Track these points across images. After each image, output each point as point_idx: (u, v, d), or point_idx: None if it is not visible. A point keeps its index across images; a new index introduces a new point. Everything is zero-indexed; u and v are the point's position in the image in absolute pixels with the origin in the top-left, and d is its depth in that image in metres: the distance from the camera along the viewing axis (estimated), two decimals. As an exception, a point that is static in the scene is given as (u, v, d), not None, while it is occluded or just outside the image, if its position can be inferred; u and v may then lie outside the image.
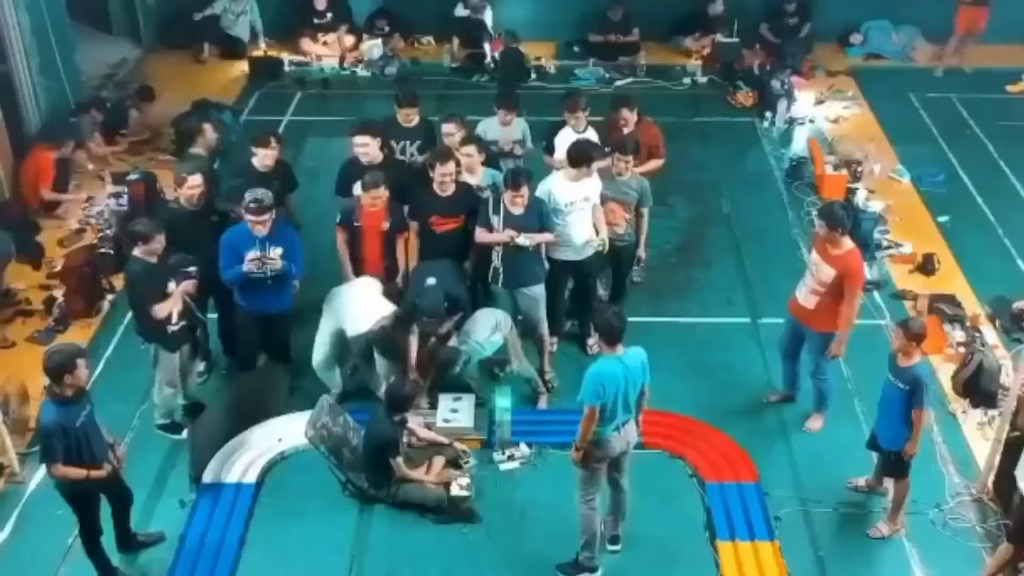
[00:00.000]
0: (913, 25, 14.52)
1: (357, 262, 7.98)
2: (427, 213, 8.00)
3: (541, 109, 12.79)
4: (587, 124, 9.04)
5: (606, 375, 6.27)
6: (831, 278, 7.29)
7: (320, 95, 13.61)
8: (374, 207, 7.75)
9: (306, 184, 11.22)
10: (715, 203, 11.14)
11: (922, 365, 6.64)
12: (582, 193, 8.10)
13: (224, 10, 14.46)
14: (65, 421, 6.02)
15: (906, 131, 12.57)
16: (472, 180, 8.25)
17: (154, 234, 7.27)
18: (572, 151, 8.10)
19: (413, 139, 9.00)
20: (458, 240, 8.09)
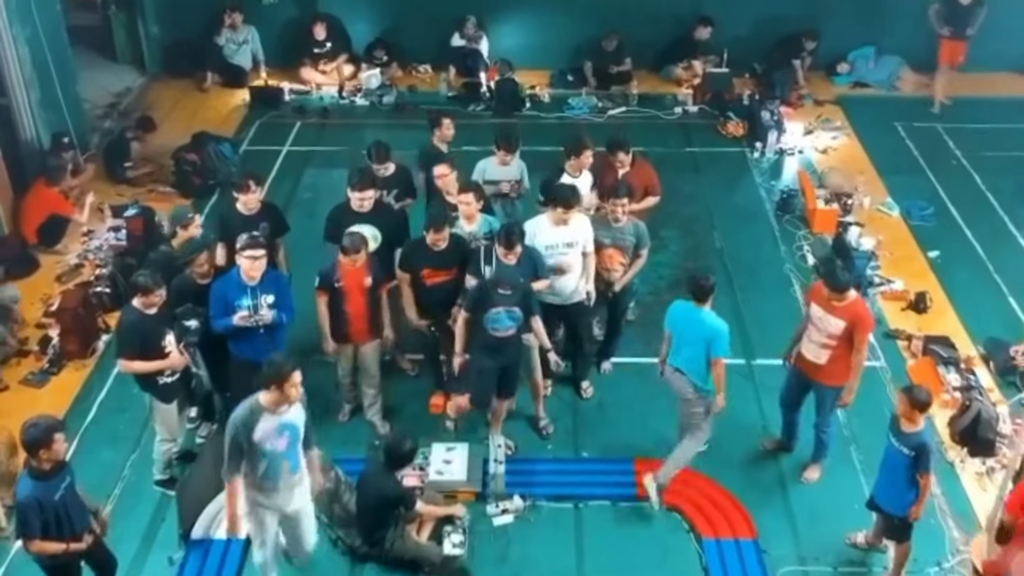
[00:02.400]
0: (899, 55, 13.90)
1: (342, 322, 7.31)
2: (419, 266, 7.38)
3: (535, 139, 12.29)
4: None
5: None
6: (840, 330, 6.70)
7: (319, 124, 13.00)
8: (355, 266, 7.12)
9: (302, 217, 10.73)
10: (707, 237, 10.55)
11: (927, 431, 6.06)
12: (564, 238, 7.51)
13: (227, 39, 13.84)
14: (42, 496, 5.44)
15: (894, 161, 11.98)
16: (469, 227, 7.64)
17: (155, 288, 6.69)
18: (546, 189, 7.54)
19: (390, 187, 8.38)
20: (449, 292, 7.48)
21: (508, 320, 6.94)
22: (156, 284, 6.70)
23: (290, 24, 14.12)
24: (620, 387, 8.39)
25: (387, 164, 8.32)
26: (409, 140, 12.50)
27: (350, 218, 7.59)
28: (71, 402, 8.23)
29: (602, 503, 7.24)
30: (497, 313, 6.88)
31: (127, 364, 6.81)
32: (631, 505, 7.19)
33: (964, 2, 12.38)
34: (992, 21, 12.75)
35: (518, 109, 13.20)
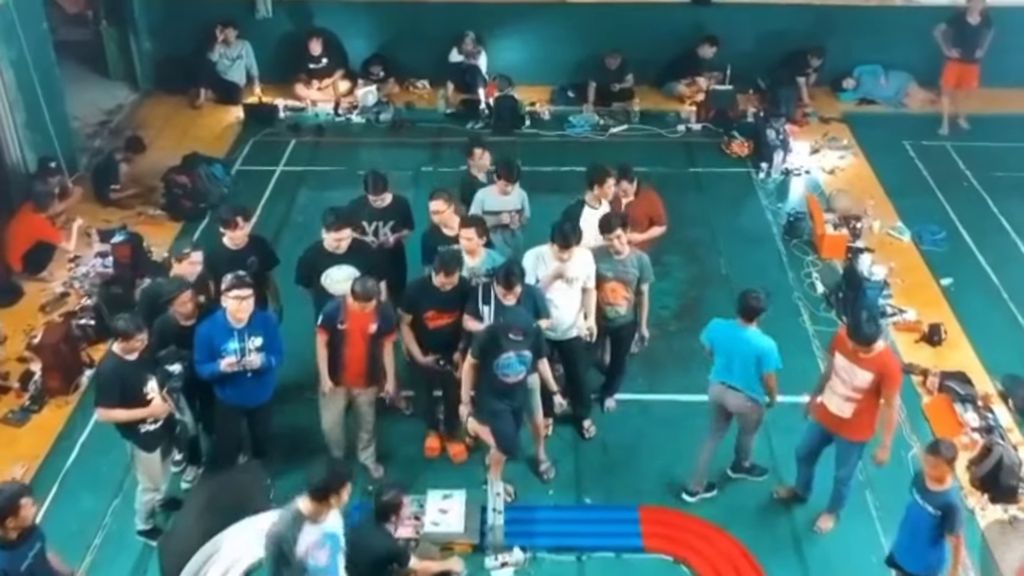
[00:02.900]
0: (906, 71, 13.48)
1: (337, 366, 6.88)
2: (425, 308, 6.96)
3: (536, 158, 11.93)
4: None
5: None
6: (868, 383, 6.27)
7: (314, 143, 12.57)
8: (363, 311, 6.67)
9: (295, 241, 10.29)
10: (713, 262, 10.13)
11: (955, 489, 5.65)
12: (564, 272, 7.13)
13: (220, 55, 13.42)
14: (9, 567, 5.04)
15: (903, 182, 11.56)
16: (471, 263, 7.22)
17: (136, 333, 6.26)
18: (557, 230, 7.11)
19: (386, 219, 7.97)
20: (451, 334, 7.08)
21: (519, 365, 6.55)
22: (137, 328, 6.28)
23: (285, 39, 13.71)
24: (624, 426, 7.98)
25: (384, 195, 7.90)
26: (406, 159, 12.18)
27: (325, 260, 7.17)
28: (52, 442, 7.81)
29: (606, 555, 6.83)
30: (508, 358, 6.48)
31: (106, 413, 6.40)
32: (636, 557, 6.78)
33: (972, 22, 11.93)
34: (1001, 36, 12.33)
35: (518, 127, 12.79)
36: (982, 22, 12.03)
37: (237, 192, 11.23)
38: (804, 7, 13.34)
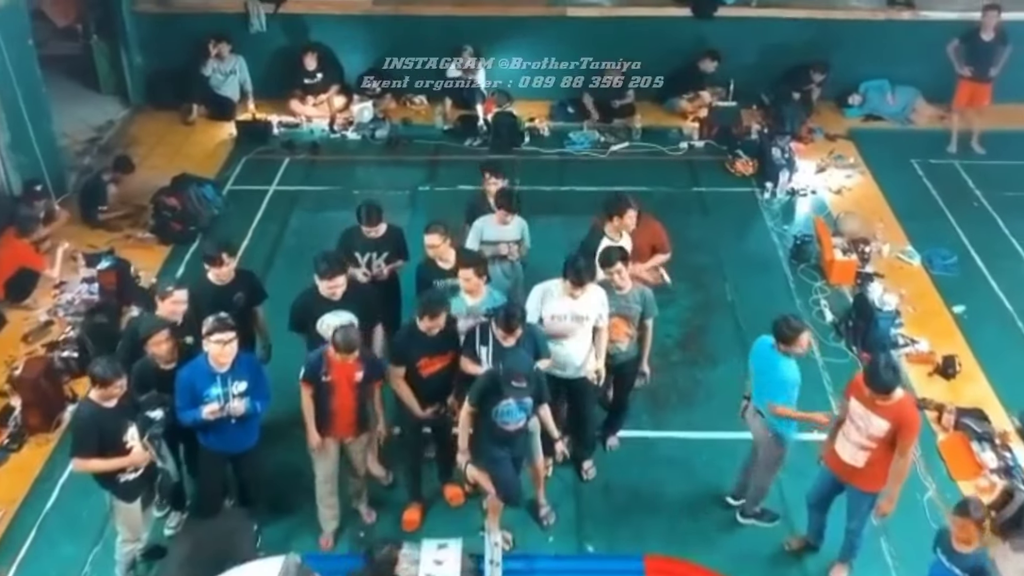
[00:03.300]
0: (913, 86, 13.09)
1: (326, 417, 6.45)
2: (416, 356, 6.50)
3: (535, 177, 11.57)
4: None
5: None
6: (884, 432, 5.89)
7: (309, 161, 12.16)
8: (346, 361, 6.27)
9: (286, 267, 10.01)
10: (718, 288, 9.75)
11: (984, 552, 5.28)
12: (575, 310, 6.71)
13: (213, 70, 13.03)
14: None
15: (911, 203, 11.18)
16: (472, 302, 6.82)
17: (114, 379, 5.88)
18: (570, 266, 6.68)
19: (380, 250, 7.60)
20: (447, 378, 6.67)
21: (519, 412, 6.18)
22: (115, 374, 5.90)
23: (280, 54, 13.31)
24: (627, 466, 7.59)
25: (378, 226, 7.51)
26: (403, 178, 11.81)
27: (321, 306, 6.73)
28: (31, 483, 7.43)
29: (609, 610, 6.46)
30: (508, 406, 6.10)
31: (83, 463, 6.02)
32: (638, 612, 6.41)
33: (986, 38, 11.50)
34: (1013, 50, 11.91)
35: (516, 144, 12.41)
36: (996, 39, 11.57)
37: (228, 214, 10.87)
38: (808, 21, 12.97)
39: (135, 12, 13.11)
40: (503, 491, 6.42)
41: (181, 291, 6.59)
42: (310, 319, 6.71)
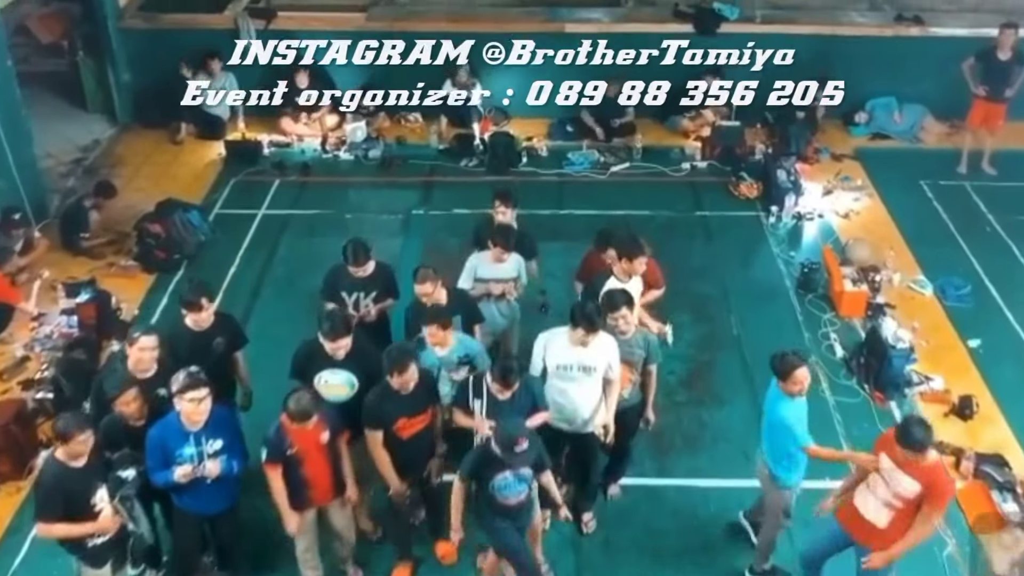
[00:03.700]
0: (921, 104, 12.62)
1: (300, 491, 5.91)
2: (392, 418, 5.96)
3: (533, 199, 11.06)
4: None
5: None
6: (913, 493, 5.45)
7: (299, 183, 11.68)
8: (306, 428, 5.76)
9: (274, 296, 9.57)
10: (723, 321, 9.29)
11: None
12: (582, 360, 6.24)
13: (202, 88, 12.56)
14: None
15: (922, 228, 10.71)
16: (441, 353, 6.37)
17: (77, 434, 5.42)
18: (580, 311, 6.20)
19: (368, 289, 7.14)
20: (429, 440, 6.20)
21: (519, 484, 5.70)
22: (78, 427, 5.45)
23: (270, 69, 12.81)
24: (629, 518, 7.13)
25: (366, 265, 7.04)
26: (396, 201, 11.34)
27: (322, 363, 6.21)
28: (0, 536, 6.97)
29: None
30: (505, 479, 5.63)
31: (47, 529, 5.57)
32: None
33: (1003, 57, 11.02)
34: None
35: (514, 165, 11.95)
36: (1013, 58, 11.10)
37: (215, 240, 10.42)
38: (813, 37, 12.48)
39: (122, 28, 12.65)
40: (519, 563, 5.94)
41: (149, 337, 6.11)
42: (308, 372, 6.21)
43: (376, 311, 7.18)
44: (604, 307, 6.41)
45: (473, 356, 6.39)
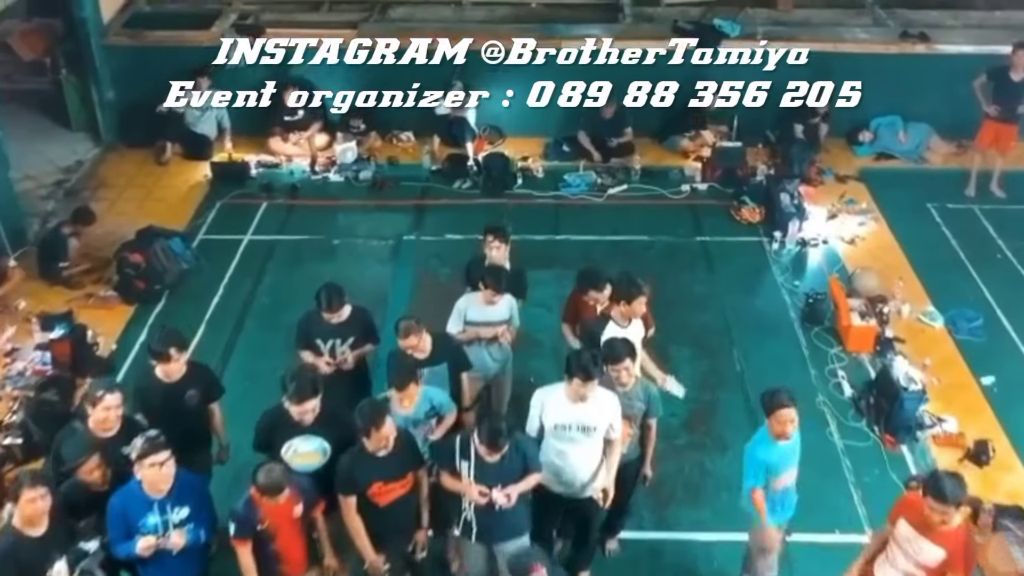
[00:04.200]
0: (926, 123, 12.13)
1: (271, 567, 5.41)
2: (367, 482, 5.46)
3: (527, 223, 10.65)
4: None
5: None
6: (937, 561, 5.03)
7: (287, 207, 11.18)
8: (279, 502, 5.27)
9: (258, 328, 9.11)
10: (725, 355, 8.81)
11: None
12: (580, 420, 5.73)
13: (188, 106, 12.08)
14: None
15: (930, 255, 10.22)
16: (403, 412, 5.87)
17: (25, 490, 4.95)
18: (576, 362, 5.70)
19: (344, 336, 6.63)
20: (410, 507, 5.69)
21: None
22: (30, 484, 5.02)
23: (259, 88, 12.30)
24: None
25: (340, 311, 6.55)
26: (387, 225, 10.85)
27: (289, 430, 5.67)
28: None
29: None
30: None
31: (-5, 605, 5.07)
32: None
33: (1016, 78, 10.49)
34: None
35: (508, 187, 11.45)
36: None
37: (199, 268, 9.93)
38: (816, 54, 11.98)
39: (106, 45, 12.15)
40: None
41: (113, 396, 5.62)
42: (275, 442, 5.69)
43: (354, 358, 6.67)
44: (605, 358, 5.92)
45: (439, 406, 5.91)
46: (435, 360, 6.23)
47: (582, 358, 5.69)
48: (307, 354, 6.57)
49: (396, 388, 5.74)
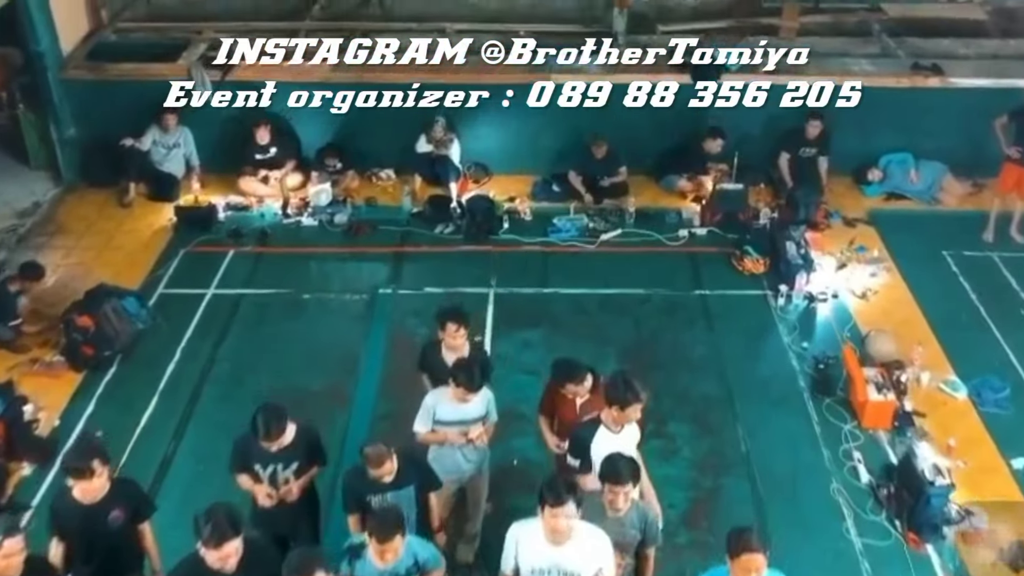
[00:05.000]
0: (939, 161, 11.20)
1: None
2: None
3: (513, 275, 9.76)
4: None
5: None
6: None
7: (256, 255, 10.23)
8: None
9: (214, 400, 8.24)
10: (729, 433, 7.88)
11: None
12: (560, 563, 4.79)
13: (154, 142, 11.14)
14: None
15: (948, 310, 9.31)
16: (382, 566, 4.88)
17: None
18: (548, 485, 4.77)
19: (287, 461, 5.63)
20: None
21: None
22: None
23: (229, 124, 11.38)
24: None
25: (281, 437, 5.52)
26: (362, 277, 9.92)
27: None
28: None
29: None
30: None
31: None
32: None
33: (1040, 118, 9.65)
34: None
35: (494, 232, 10.51)
36: (1052, 117, 9.76)
37: (155, 327, 8.98)
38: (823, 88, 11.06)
39: (65, 79, 11.20)
40: None
41: (14, 540, 4.67)
42: None
43: (299, 488, 5.68)
44: (603, 476, 4.98)
45: (424, 563, 4.95)
46: (401, 483, 5.30)
47: (554, 484, 4.74)
48: (244, 479, 5.62)
49: (378, 539, 4.75)
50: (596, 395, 5.91)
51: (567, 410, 5.95)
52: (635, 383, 5.47)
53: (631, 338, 8.94)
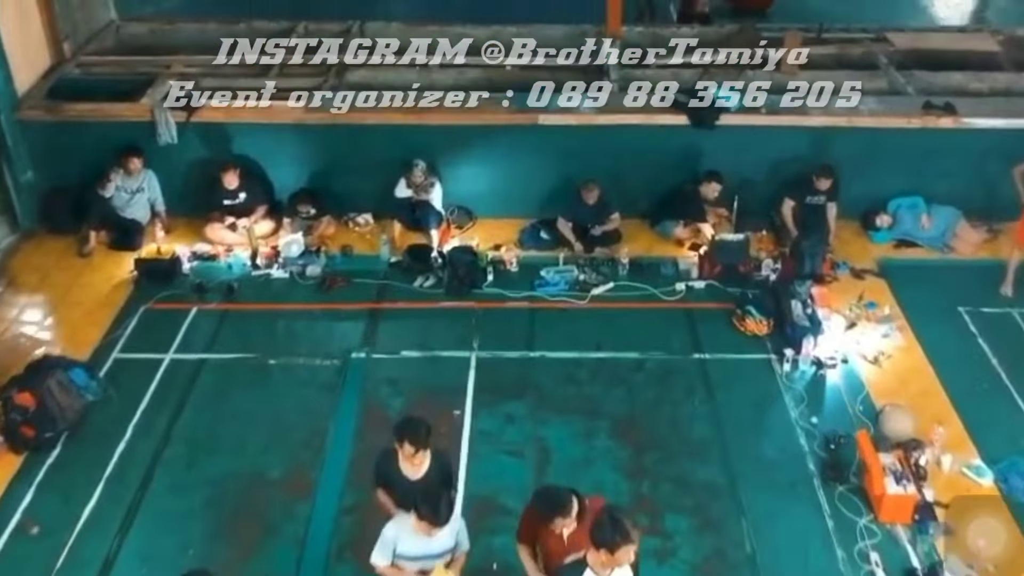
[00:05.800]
0: (952, 205, 10.33)
1: None
2: None
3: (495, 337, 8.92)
4: None
5: None
6: None
7: (221, 312, 9.34)
8: None
9: (165, 494, 7.37)
10: (732, 528, 7.00)
11: None
12: None
13: (117, 188, 10.26)
14: None
15: (968, 377, 8.43)
16: None
17: None
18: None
19: None
20: None
21: None
22: None
23: (196, 167, 10.51)
24: None
25: None
26: (334, 338, 9.04)
27: None
28: None
29: None
30: None
31: None
32: None
33: (1058, 168, 8.79)
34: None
35: (477, 285, 9.62)
36: (1070, 169, 8.90)
37: (106, 400, 8.11)
38: (828, 130, 10.22)
39: (20, 120, 10.31)
40: None
41: None
42: None
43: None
44: None
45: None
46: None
47: None
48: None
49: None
50: (583, 524, 5.03)
51: (553, 542, 5.08)
52: (625, 522, 4.60)
53: (624, 411, 8.07)
